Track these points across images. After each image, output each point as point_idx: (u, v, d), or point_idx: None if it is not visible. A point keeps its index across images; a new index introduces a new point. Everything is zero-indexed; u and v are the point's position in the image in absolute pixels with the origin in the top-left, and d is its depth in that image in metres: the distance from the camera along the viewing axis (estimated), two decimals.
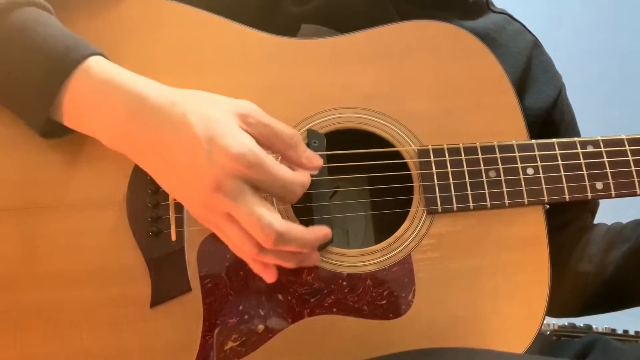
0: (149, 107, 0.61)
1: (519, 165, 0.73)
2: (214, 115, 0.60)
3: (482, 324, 0.69)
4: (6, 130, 0.68)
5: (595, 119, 1.16)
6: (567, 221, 0.94)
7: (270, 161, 0.59)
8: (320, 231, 0.63)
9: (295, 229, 0.60)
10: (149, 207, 0.68)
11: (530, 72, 0.92)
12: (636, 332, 1.10)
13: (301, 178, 0.62)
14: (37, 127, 0.66)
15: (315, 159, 0.65)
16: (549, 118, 0.92)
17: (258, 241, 0.60)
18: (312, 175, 0.70)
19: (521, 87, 0.90)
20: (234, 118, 0.61)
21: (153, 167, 0.63)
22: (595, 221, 0.98)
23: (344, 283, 0.69)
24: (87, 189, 0.68)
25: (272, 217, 0.59)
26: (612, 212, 0.97)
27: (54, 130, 0.66)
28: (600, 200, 0.96)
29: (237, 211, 0.59)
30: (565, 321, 1.13)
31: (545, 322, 0.73)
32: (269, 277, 0.64)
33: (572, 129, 0.96)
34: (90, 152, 0.69)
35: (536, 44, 0.95)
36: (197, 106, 0.61)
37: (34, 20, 0.65)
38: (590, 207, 0.97)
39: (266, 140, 0.62)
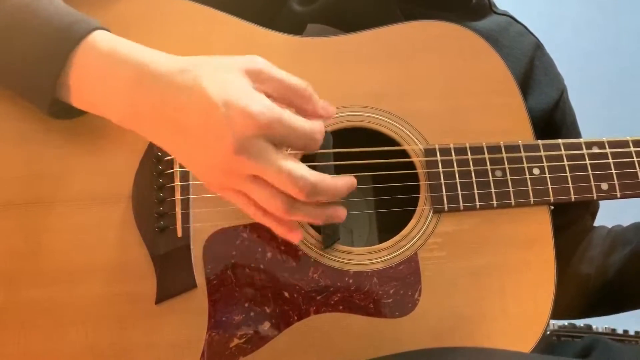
0: (156, 74, 0.59)
1: (525, 165, 0.74)
2: (226, 78, 0.58)
3: (488, 322, 0.69)
4: (11, 125, 0.68)
5: (595, 119, 1.16)
6: (568, 223, 0.94)
7: (288, 115, 0.58)
8: (349, 179, 0.62)
9: (326, 177, 0.59)
10: (155, 203, 0.68)
11: (532, 74, 0.92)
12: (636, 332, 1.11)
13: (319, 126, 0.61)
14: (43, 106, 0.64)
15: (330, 108, 0.64)
16: (551, 119, 0.92)
17: (289, 197, 0.58)
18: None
19: (523, 89, 0.90)
20: (246, 79, 0.59)
21: (163, 136, 0.61)
22: (596, 223, 0.98)
23: (350, 281, 0.69)
24: (92, 185, 0.68)
25: (303, 169, 0.57)
26: (612, 214, 0.97)
27: (63, 112, 0.66)
28: (601, 203, 0.96)
29: (265, 170, 0.57)
30: (565, 321, 1.13)
31: None
32: (296, 237, 0.62)
33: (573, 131, 0.96)
34: (96, 147, 0.69)
35: (538, 46, 0.95)
36: (207, 70, 0.59)
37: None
38: (591, 209, 0.98)
39: (281, 95, 0.61)
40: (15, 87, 0.66)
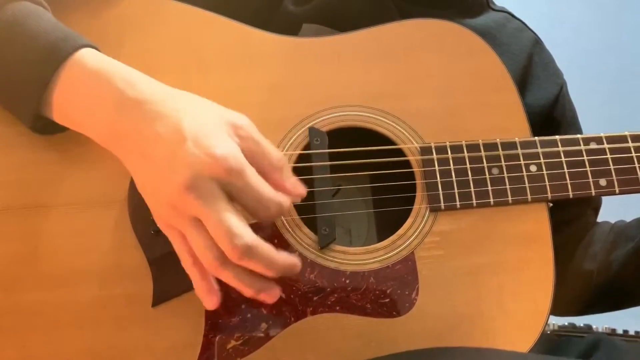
0: (139, 99, 0.59)
1: (522, 162, 0.73)
2: (206, 117, 0.59)
3: (487, 321, 0.69)
4: (7, 129, 0.68)
5: (596, 118, 1.16)
6: (570, 218, 0.94)
7: (251, 171, 0.57)
8: (290, 258, 0.60)
9: (265, 246, 0.57)
10: None
11: (531, 70, 0.92)
12: (636, 332, 1.10)
13: (280, 198, 0.59)
14: (27, 121, 0.65)
15: (300, 188, 0.62)
16: (550, 115, 0.92)
17: (222, 252, 0.56)
18: (314, 173, 0.70)
19: (522, 85, 0.90)
20: (226, 126, 0.59)
21: (131, 161, 0.60)
22: (599, 219, 0.98)
23: (347, 281, 0.68)
24: (88, 188, 0.68)
25: (244, 229, 0.56)
26: (615, 210, 0.97)
27: (45, 127, 0.66)
28: (603, 198, 0.96)
29: (207, 215, 0.55)
30: (565, 321, 1.12)
31: None
32: (212, 302, 0.60)
33: (573, 126, 0.96)
34: (92, 151, 0.69)
35: (537, 42, 0.95)
36: (191, 106, 0.60)
37: (26, 14, 0.64)
38: (593, 205, 0.97)
39: (253, 156, 0.59)
40: (2, 102, 0.66)
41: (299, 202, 0.65)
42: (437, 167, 0.72)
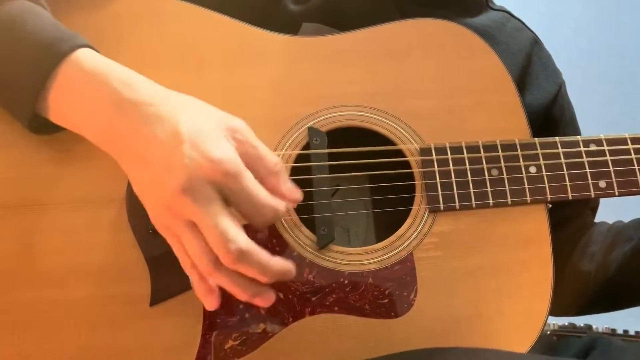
0: (137, 101, 0.59)
1: (522, 163, 0.73)
2: (203, 120, 0.58)
3: (485, 323, 0.69)
4: (4, 127, 0.68)
5: (596, 118, 1.16)
6: (568, 218, 0.94)
7: (248, 175, 0.57)
8: (285, 264, 0.60)
9: (260, 251, 0.57)
10: None
11: (530, 69, 0.92)
12: (636, 332, 1.10)
13: (275, 204, 0.59)
14: (24, 120, 0.64)
15: (296, 193, 0.62)
16: (549, 114, 0.92)
17: (217, 256, 0.56)
18: (313, 173, 0.70)
19: (521, 84, 0.90)
20: (223, 129, 0.59)
21: (128, 163, 0.60)
22: (597, 220, 0.98)
23: (346, 282, 0.68)
24: (86, 187, 0.68)
25: (239, 233, 0.56)
26: (613, 210, 0.97)
27: (41, 127, 0.65)
28: (602, 199, 0.96)
29: (202, 219, 0.55)
30: (565, 321, 1.12)
31: None
32: (211, 303, 0.60)
33: (572, 126, 0.96)
34: (90, 149, 0.68)
35: (536, 41, 0.95)
36: (188, 109, 0.59)
37: (23, 12, 0.64)
38: (591, 205, 0.97)
39: (250, 160, 0.59)
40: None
41: (294, 207, 0.65)
42: (436, 168, 0.72)
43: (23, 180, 0.67)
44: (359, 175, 0.76)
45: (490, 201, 0.72)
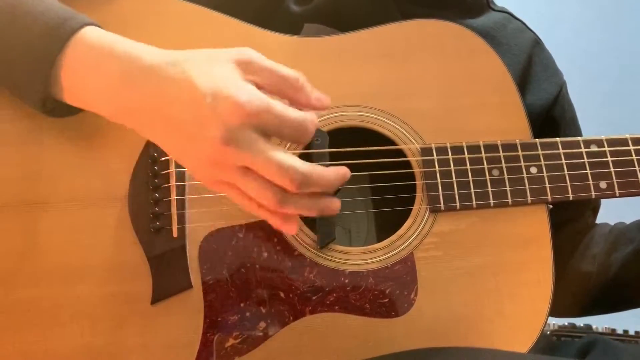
0: (145, 69, 0.59)
1: (523, 164, 0.73)
2: (215, 69, 0.58)
3: (485, 322, 0.69)
4: (6, 126, 0.68)
5: (596, 118, 1.16)
6: (569, 219, 0.94)
7: (276, 104, 0.57)
8: (340, 170, 0.61)
9: (317, 168, 0.58)
10: (151, 204, 0.68)
11: (531, 70, 0.92)
12: (636, 332, 1.10)
13: (310, 117, 0.59)
14: (36, 103, 0.64)
15: (324, 99, 0.62)
16: (550, 115, 0.92)
17: (280, 188, 0.57)
18: None
19: (522, 85, 0.90)
20: (236, 69, 0.58)
21: (156, 132, 0.60)
22: (598, 221, 0.98)
23: (346, 281, 0.69)
24: (88, 185, 0.68)
25: (293, 160, 0.56)
26: (615, 212, 0.97)
27: (55, 109, 0.65)
28: (603, 200, 0.96)
29: (254, 161, 0.56)
30: (565, 321, 1.12)
31: None
32: (291, 228, 0.61)
33: (572, 127, 0.96)
34: (92, 148, 0.69)
35: (537, 42, 0.95)
36: (196, 62, 0.59)
37: None
38: (592, 205, 0.97)
39: (273, 85, 0.59)
40: (8, 85, 0.66)
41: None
42: (437, 168, 0.72)
43: (25, 179, 0.67)
44: (360, 175, 0.76)
45: (491, 201, 0.72)
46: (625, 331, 1.10)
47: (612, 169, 0.74)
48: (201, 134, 0.56)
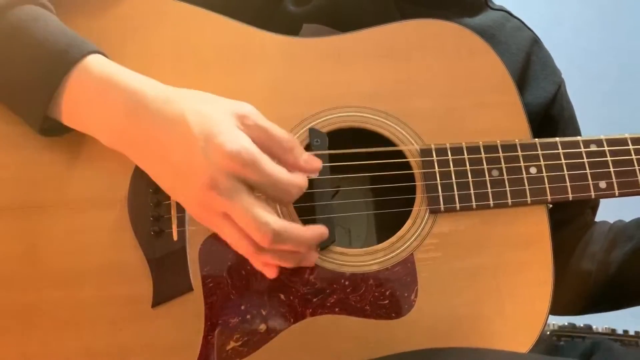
0: (147, 104, 0.61)
1: (522, 164, 0.73)
2: (212, 114, 0.59)
3: (486, 323, 0.69)
4: (7, 128, 0.68)
5: (595, 118, 1.16)
6: (568, 218, 0.94)
7: (266, 161, 0.59)
8: (317, 230, 0.62)
9: (292, 227, 0.60)
10: (151, 206, 0.68)
11: (529, 69, 0.92)
12: (636, 332, 1.10)
13: (297, 180, 0.61)
14: (35, 124, 0.65)
15: (314, 161, 0.63)
16: (548, 114, 0.92)
17: (255, 240, 0.59)
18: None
19: (520, 84, 0.90)
20: (232, 119, 0.60)
21: (151, 166, 0.63)
22: (597, 219, 0.98)
23: (346, 283, 0.68)
24: (88, 188, 0.68)
25: (269, 216, 0.58)
26: (614, 210, 0.97)
27: (52, 129, 0.66)
28: (602, 199, 0.96)
29: (232, 210, 0.58)
30: (565, 321, 1.13)
31: None
32: (270, 273, 0.64)
33: (571, 125, 0.96)
34: (92, 151, 0.69)
35: (535, 40, 0.95)
36: (194, 105, 0.60)
37: (33, 18, 0.64)
38: (591, 204, 0.97)
39: (263, 142, 0.61)
40: (9, 105, 0.67)
41: (316, 177, 0.66)
42: (437, 169, 0.72)
43: (26, 182, 0.67)
44: (359, 176, 0.76)
45: (491, 202, 0.72)
46: (625, 331, 1.10)
47: (611, 169, 0.74)
48: (191, 176, 0.58)
